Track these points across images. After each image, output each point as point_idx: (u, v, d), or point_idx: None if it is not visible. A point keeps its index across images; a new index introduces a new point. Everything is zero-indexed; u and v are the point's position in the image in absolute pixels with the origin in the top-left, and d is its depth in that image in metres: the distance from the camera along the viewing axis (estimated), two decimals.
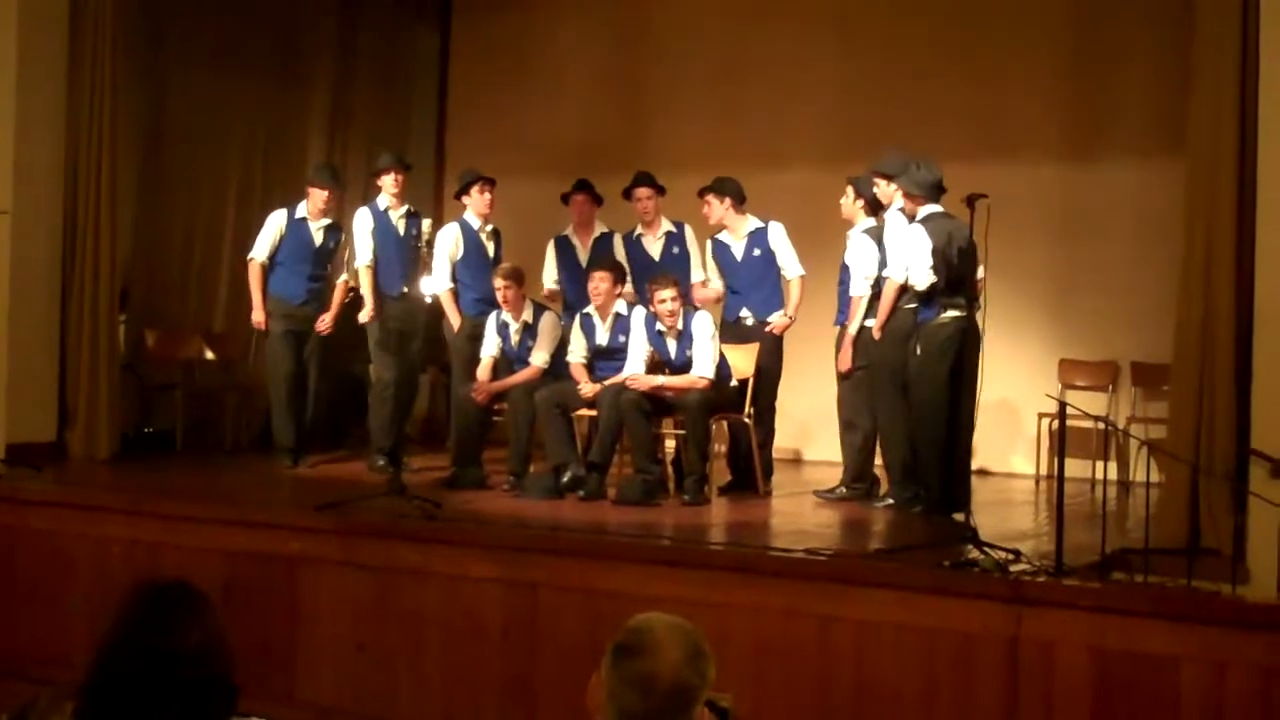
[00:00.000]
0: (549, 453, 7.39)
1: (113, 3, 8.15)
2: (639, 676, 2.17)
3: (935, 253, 6.78)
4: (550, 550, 5.74)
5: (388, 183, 8.24)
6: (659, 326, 7.29)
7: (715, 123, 9.94)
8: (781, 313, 7.71)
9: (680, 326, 7.26)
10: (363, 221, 8.22)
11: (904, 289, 6.97)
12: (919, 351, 6.83)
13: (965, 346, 6.80)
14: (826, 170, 8.33)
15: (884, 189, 7.26)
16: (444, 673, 5.77)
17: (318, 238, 8.35)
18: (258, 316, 8.27)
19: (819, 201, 8.07)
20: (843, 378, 7.55)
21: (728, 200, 7.68)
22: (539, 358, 7.62)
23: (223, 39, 9.52)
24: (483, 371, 7.70)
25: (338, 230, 8.45)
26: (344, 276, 8.50)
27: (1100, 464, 8.01)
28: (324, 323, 8.32)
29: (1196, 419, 5.90)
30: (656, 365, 7.37)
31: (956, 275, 6.85)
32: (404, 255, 8.28)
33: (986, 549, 5.26)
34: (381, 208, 8.26)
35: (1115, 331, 8.98)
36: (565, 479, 7.18)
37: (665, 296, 7.21)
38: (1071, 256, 8.96)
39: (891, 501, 7.17)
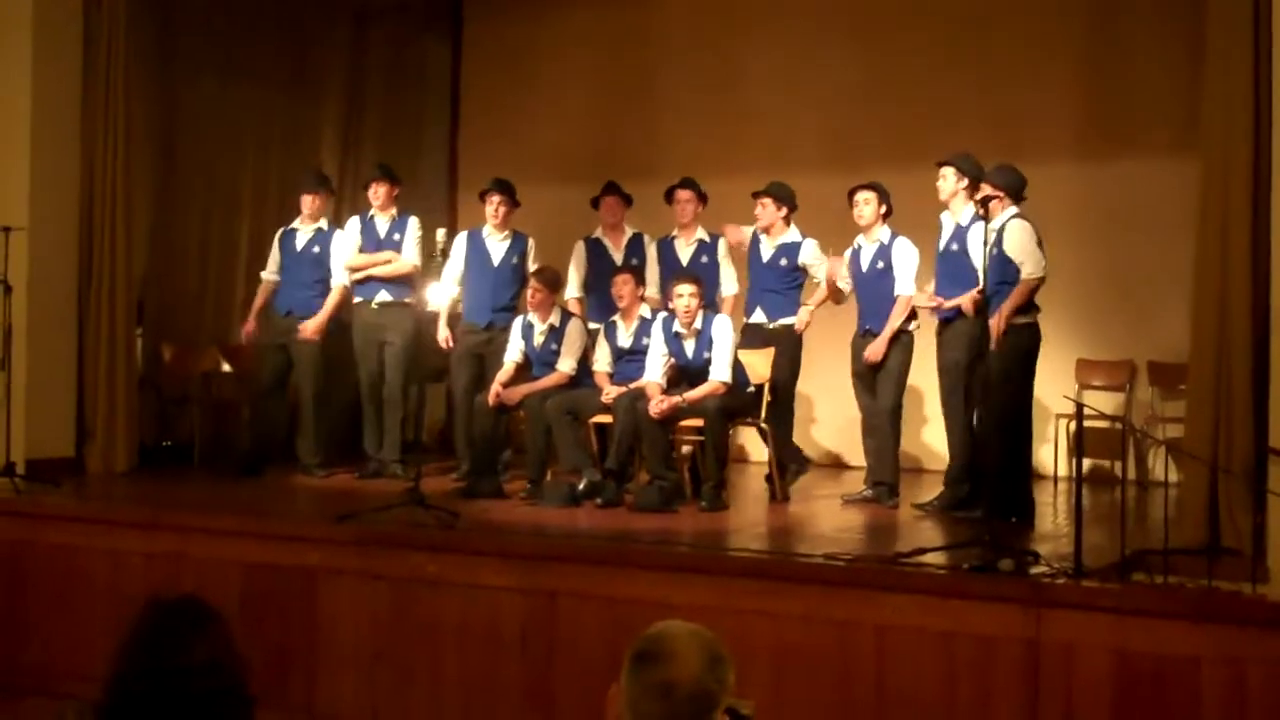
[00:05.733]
0: (561, 460, 7.40)
1: (125, 18, 8.20)
2: (658, 684, 2.16)
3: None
4: (568, 558, 5.74)
5: (371, 194, 8.50)
6: (676, 327, 7.27)
7: (725, 127, 9.93)
8: (803, 312, 7.64)
9: (700, 328, 7.24)
10: (352, 227, 8.47)
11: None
12: (1000, 353, 6.46)
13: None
14: (838, 174, 8.30)
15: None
16: (462, 682, 5.77)
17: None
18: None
19: (829, 205, 8.04)
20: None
21: (784, 209, 7.68)
22: (566, 364, 7.61)
23: (235, 52, 9.56)
24: (504, 376, 7.66)
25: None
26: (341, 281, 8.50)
27: (1118, 464, 7.97)
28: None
29: (1214, 418, 5.88)
30: (675, 373, 7.35)
31: None
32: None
33: (1005, 552, 5.25)
34: (369, 216, 8.48)
35: (1132, 331, 8.95)
36: (582, 486, 7.18)
37: (683, 293, 7.20)
38: (1087, 256, 8.92)
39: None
